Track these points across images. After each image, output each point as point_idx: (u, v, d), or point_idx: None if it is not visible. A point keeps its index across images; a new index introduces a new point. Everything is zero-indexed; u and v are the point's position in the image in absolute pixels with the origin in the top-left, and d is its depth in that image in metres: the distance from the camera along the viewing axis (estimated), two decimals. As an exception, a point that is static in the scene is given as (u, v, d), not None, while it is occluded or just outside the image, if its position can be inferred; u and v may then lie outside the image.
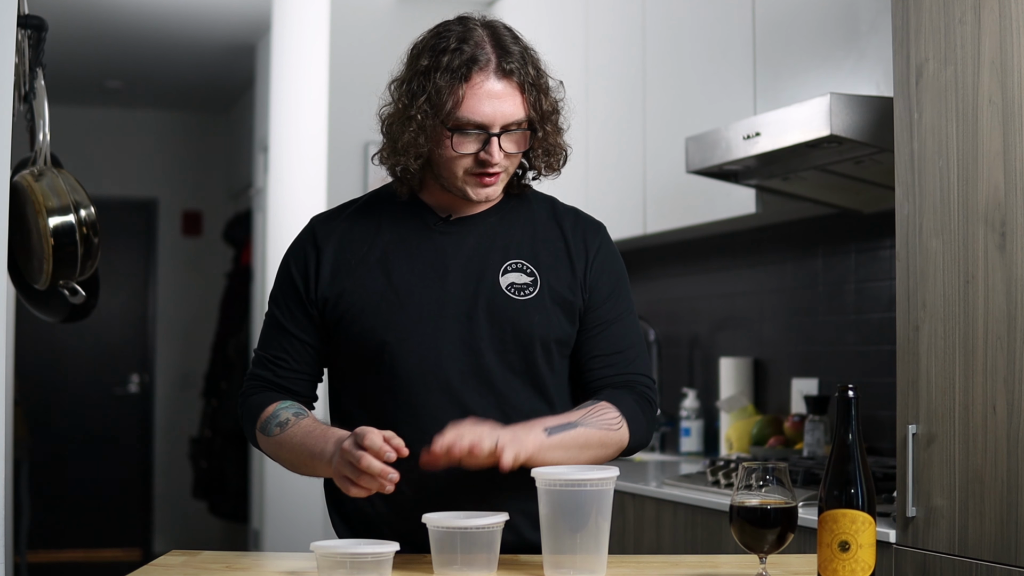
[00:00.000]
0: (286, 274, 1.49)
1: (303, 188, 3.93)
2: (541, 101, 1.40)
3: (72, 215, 1.99)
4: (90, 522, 5.71)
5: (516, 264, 1.43)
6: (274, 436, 1.42)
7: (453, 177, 1.41)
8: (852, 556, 1.16)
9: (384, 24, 3.67)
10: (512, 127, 1.39)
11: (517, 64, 1.39)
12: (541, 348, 1.42)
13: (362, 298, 1.42)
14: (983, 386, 1.54)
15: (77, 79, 5.31)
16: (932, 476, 1.61)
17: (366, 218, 1.47)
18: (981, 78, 1.55)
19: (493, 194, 1.43)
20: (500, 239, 1.45)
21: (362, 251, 1.44)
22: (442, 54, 1.39)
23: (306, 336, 1.46)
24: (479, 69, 1.37)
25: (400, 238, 1.45)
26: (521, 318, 1.41)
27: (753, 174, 2.31)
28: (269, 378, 1.47)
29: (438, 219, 1.46)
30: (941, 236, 1.61)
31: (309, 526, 3.70)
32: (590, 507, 1.22)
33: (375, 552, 1.21)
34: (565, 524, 1.22)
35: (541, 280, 1.43)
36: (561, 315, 1.43)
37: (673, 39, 2.68)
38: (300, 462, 1.41)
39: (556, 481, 1.23)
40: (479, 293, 1.41)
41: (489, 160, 1.38)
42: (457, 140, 1.38)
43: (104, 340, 5.82)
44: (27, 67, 2.01)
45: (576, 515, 1.22)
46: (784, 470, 1.24)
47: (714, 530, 2.07)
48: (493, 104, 1.37)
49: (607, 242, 1.50)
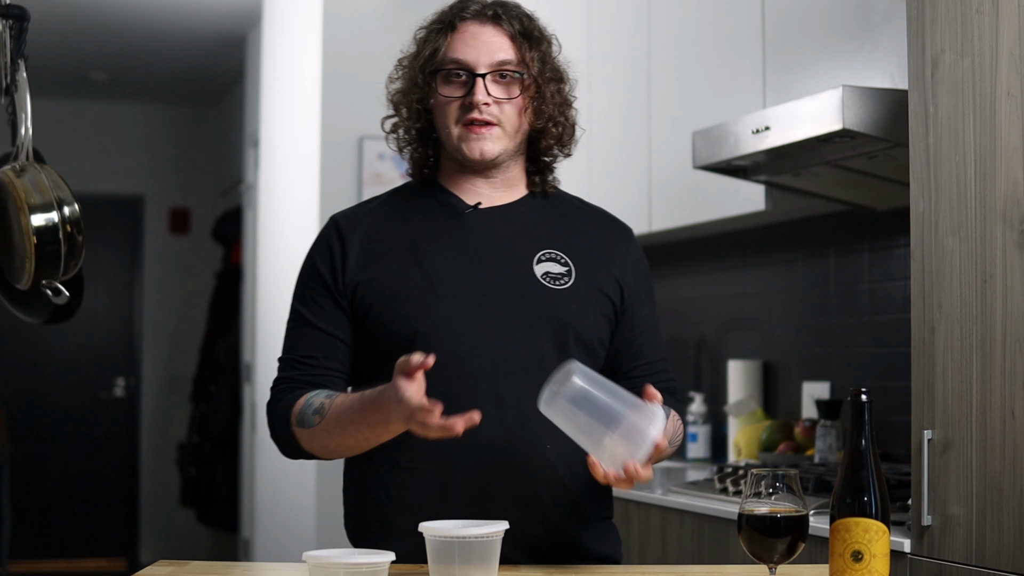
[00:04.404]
0: (311, 270, 1.45)
1: (295, 184, 3.90)
2: (538, 55, 1.41)
3: (55, 212, 1.96)
4: (74, 531, 5.70)
5: (550, 254, 1.42)
6: (315, 426, 1.36)
7: (448, 132, 1.41)
8: (865, 566, 1.15)
9: (379, 14, 3.64)
10: (501, 71, 1.39)
11: (509, 15, 1.41)
12: (575, 338, 1.41)
13: (392, 285, 1.40)
14: (1001, 390, 1.51)
15: (60, 71, 5.29)
16: (948, 483, 1.59)
17: (391, 210, 1.46)
18: (999, 70, 1.53)
19: (489, 151, 1.41)
20: (531, 229, 1.44)
21: (390, 240, 1.43)
22: (437, 15, 1.44)
23: (336, 331, 1.42)
24: (466, 17, 1.41)
25: (429, 227, 1.44)
26: (557, 307, 1.40)
27: (762, 170, 2.30)
28: (298, 377, 1.43)
29: (467, 206, 1.44)
30: (958, 234, 1.59)
31: (301, 535, 3.66)
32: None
33: (370, 562, 1.19)
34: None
35: (576, 271, 1.42)
36: (596, 308, 1.43)
37: (679, 29, 2.67)
38: (356, 441, 1.35)
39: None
40: (513, 281, 1.40)
41: (475, 103, 1.38)
42: (442, 83, 1.40)
43: (88, 342, 5.79)
44: (8, 59, 1.98)
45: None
46: (795, 477, 1.22)
47: (722, 539, 2.05)
48: (477, 44, 1.39)
49: (637, 245, 1.52)
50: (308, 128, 3.74)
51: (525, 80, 1.40)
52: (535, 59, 1.40)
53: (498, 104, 1.39)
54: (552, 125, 1.43)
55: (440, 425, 1.22)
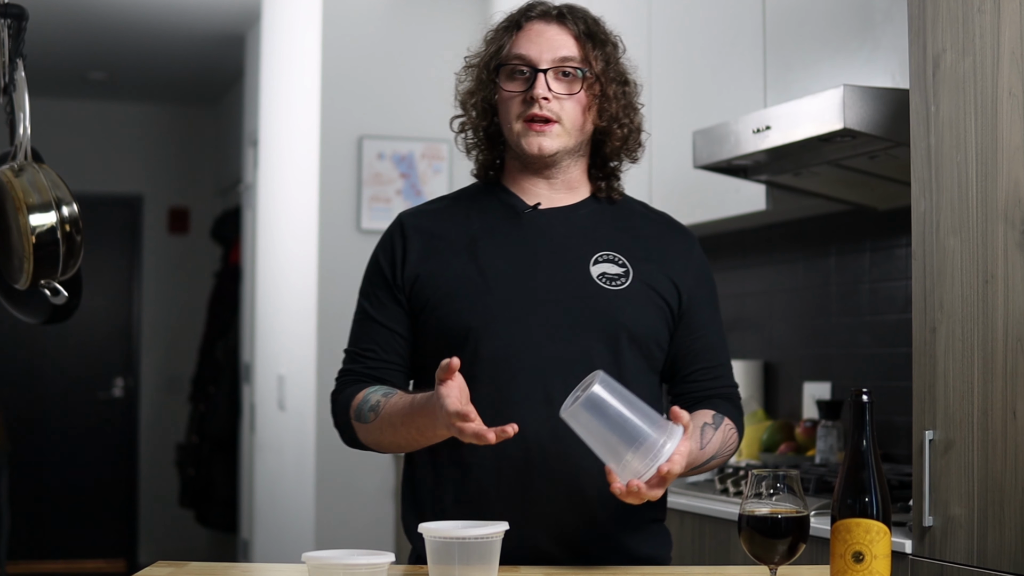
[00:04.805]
0: (375, 265, 1.50)
1: (294, 184, 3.89)
2: (602, 55, 1.42)
3: (54, 212, 1.95)
4: (72, 532, 5.68)
5: (607, 255, 1.43)
6: (370, 423, 1.41)
7: (510, 127, 1.43)
8: (866, 567, 1.15)
9: (378, 14, 3.63)
10: (563, 67, 1.41)
11: (575, 16, 1.43)
12: (628, 339, 1.41)
13: (449, 281, 1.42)
14: (1003, 390, 1.51)
15: (59, 70, 5.28)
16: (950, 484, 1.59)
17: (455, 208, 1.49)
18: (1001, 69, 1.52)
19: (548, 147, 1.42)
20: (590, 230, 1.45)
21: (450, 237, 1.45)
22: (505, 16, 1.48)
23: (396, 326, 1.46)
24: (532, 17, 1.44)
25: (489, 225, 1.46)
26: (611, 308, 1.41)
27: (763, 169, 2.29)
28: (359, 371, 1.47)
29: (527, 206, 1.46)
30: (959, 234, 1.59)
31: (300, 536, 3.65)
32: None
33: (369, 563, 1.20)
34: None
35: (633, 273, 1.43)
36: (653, 311, 1.43)
37: (680, 27, 2.67)
38: (407, 441, 1.39)
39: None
40: (569, 281, 1.42)
41: (535, 96, 1.39)
42: (505, 79, 1.42)
43: (87, 342, 5.78)
44: (6, 58, 1.97)
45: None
46: (795, 478, 1.22)
47: (722, 540, 2.05)
48: (540, 41, 1.41)
49: (700, 250, 1.52)
50: (307, 128, 3.73)
51: (587, 78, 1.41)
52: (598, 58, 1.41)
53: (559, 100, 1.40)
54: (616, 127, 1.44)
55: (474, 432, 1.24)
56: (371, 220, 3.59)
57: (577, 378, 1.34)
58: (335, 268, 3.54)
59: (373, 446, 1.44)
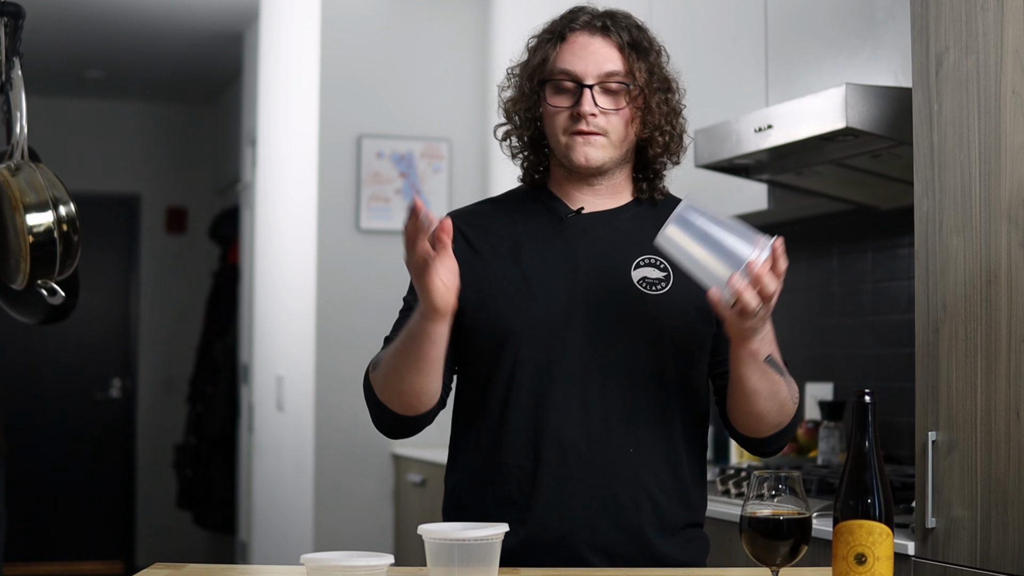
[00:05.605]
0: None
1: (293, 183, 3.88)
2: (646, 66, 1.43)
3: (51, 212, 1.95)
4: (69, 533, 5.67)
5: (649, 259, 1.43)
6: (378, 368, 1.43)
7: (556, 140, 1.44)
8: (869, 569, 1.14)
9: (377, 13, 3.63)
10: (608, 82, 1.41)
11: (619, 26, 1.43)
12: (670, 344, 1.42)
13: (491, 284, 1.44)
14: (1006, 391, 1.51)
15: (56, 69, 5.27)
16: (953, 485, 1.58)
17: (500, 210, 1.51)
18: (1004, 68, 1.52)
19: (595, 158, 1.43)
20: (633, 234, 1.45)
21: (495, 240, 1.47)
22: (547, 25, 1.48)
23: None
24: (575, 28, 1.43)
25: (532, 229, 1.47)
26: (650, 312, 1.41)
27: (765, 168, 2.29)
28: None
29: (570, 211, 1.47)
30: (962, 233, 1.58)
31: (298, 538, 3.65)
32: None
33: (368, 565, 1.20)
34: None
35: (675, 278, 1.43)
36: (693, 313, 1.43)
37: (680, 25, 2.66)
38: (408, 361, 1.38)
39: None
40: (609, 286, 1.43)
41: (582, 113, 1.40)
42: (551, 93, 1.43)
43: (84, 343, 5.77)
44: (3, 56, 1.98)
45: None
46: (797, 479, 1.22)
47: (724, 542, 2.03)
48: (586, 56, 1.42)
49: None
50: (306, 127, 3.72)
51: (632, 91, 1.42)
52: (643, 70, 1.42)
53: (605, 115, 1.41)
54: (659, 135, 1.44)
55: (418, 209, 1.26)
56: (370, 219, 3.57)
57: (615, 383, 1.39)
58: (334, 268, 3.53)
59: (387, 393, 1.42)
